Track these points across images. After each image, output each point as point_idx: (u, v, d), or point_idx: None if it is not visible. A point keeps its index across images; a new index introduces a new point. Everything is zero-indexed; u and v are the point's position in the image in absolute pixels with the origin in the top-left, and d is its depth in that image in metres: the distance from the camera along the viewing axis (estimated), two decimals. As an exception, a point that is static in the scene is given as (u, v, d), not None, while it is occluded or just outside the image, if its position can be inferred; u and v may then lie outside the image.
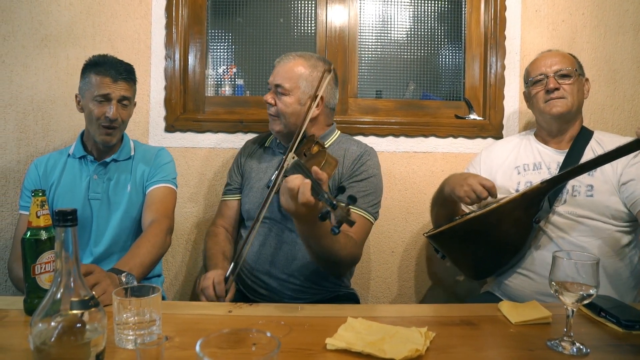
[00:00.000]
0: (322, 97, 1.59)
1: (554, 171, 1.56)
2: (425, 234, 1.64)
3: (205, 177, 2.03)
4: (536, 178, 1.57)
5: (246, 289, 1.63)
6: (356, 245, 1.44)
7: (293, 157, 1.38)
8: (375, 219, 1.57)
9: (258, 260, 1.58)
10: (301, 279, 1.56)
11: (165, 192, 1.63)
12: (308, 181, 1.13)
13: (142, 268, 1.35)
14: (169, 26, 1.98)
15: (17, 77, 1.97)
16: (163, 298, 1.73)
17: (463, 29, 2.11)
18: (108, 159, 1.63)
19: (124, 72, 1.58)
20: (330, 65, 1.61)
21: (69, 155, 1.65)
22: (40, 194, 1.04)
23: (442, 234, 1.57)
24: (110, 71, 1.55)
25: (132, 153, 1.68)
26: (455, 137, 2.03)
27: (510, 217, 1.42)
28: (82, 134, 1.67)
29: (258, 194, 1.64)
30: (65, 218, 0.75)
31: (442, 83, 2.17)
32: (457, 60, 2.15)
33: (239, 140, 2.01)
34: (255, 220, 1.40)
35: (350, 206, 1.07)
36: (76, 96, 1.62)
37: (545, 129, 1.67)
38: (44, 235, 1.05)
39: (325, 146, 1.54)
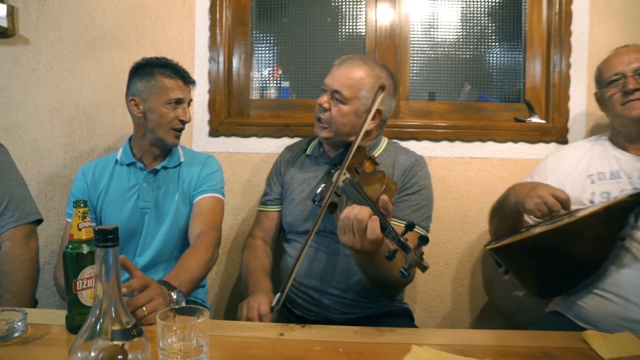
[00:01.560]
0: (379, 111, 1.48)
1: (636, 180, 1.40)
2: (487, 247, 1.51)
3: (250, 183, 1.96)
4: (614, 188, 1.41)
5: (293, 305, 1.54)
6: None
7: (344, 174, 1.29)
8: (428, 232, 1.46)
9: (307, 276, 1.49)
10: (352, 294, 1.46)
11: (214, 202, 1.56)
12: (376, 217, 1.05)
13: (191, 284, 1.27)
14: (212, 28, 1.92)
15: (64, 83, 1.96)
16: (208, 310, 1.67)
17: (523, 25, 1.96)
18: (158, 167, 1.57)
19: (190, 77, 1.57)
20: (391, 78, 1.51)
21: (116, 161, 1.60)
22: (82, 205, 0.98)
23: (507, 248, 1.43)
24: (181, 73, 1.54)
25: (182, 160, 1.62)
26: (515, 141, 1.89)
27: (590, 233, 1.27)
28: (129, 140, 1.62)
29: (301, 207, 1.54)
30: (106, 237, 0.67)
31: (500, 84, 2.02)
32: (516, 58, 2.00)
33: (285, 144, 1.91)
34: (306, 239, 1.31)
35: (422, 246, 0.98)
36: (132, 99, 1.53)
37: (622, 133, 1.51)
38: (85, 249, 0.99)
39: (376, 159, 1.44)
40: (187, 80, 1.55)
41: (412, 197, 1.44)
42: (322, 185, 1.42)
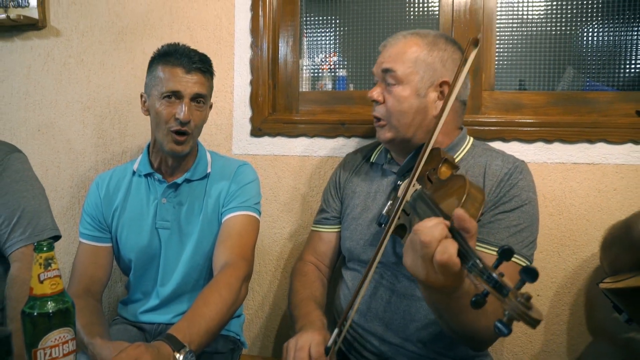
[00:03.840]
0: (447, 83, 1.14)
1: None
2: (603, 285, 1.13)
3: (298, 191, 1.67)
4: None
5: (347, 348, 1.24)
6: None
7: (413, 185, 0.96)
8: (531, 263, 1.09)
9: (366, 316, 1.19)
10: (420, 346, 1.14)
11: (245, 222, 1.27)
12: (452, 240, 0.73)
13: (207, 336, 1.01)
14: (255, 8, 1.62)
15: (95, 77, 1.77)
16: (243, 345, 1.42)
17: (650, -10, 1.50)
18: (179, 180, 1.31)
19: (198, 62, 1.24)
20: (452, 44, 1.18)
21: (133, 172, 1.36)
22: (45, 249, 0.73)
23: (636, 292, 1.06)
24: (182, 59, 1.22)
25: (209, 170, 1.35)
26: (636, 142, 1.45)
27: None
28: (149, 146, 1.38)
29: (364, 229, 1.23)
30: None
31: (615, 67, 1.57)
32: (638, 33, 1.54)
33: (340, 146, 1.62)
34: (366, 271, 1.00)
35: (528, 296, 0.62)
36: (141, 96, 1.32)
37: None
38: (51, 307, 0.74)
39: (457, 163, 1.09)
40: (189, 67, 1.23)
41: (509, 216, 1.08)
42: (390, 202, 1.11)
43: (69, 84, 1.79)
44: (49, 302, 0.74)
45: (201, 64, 1.25)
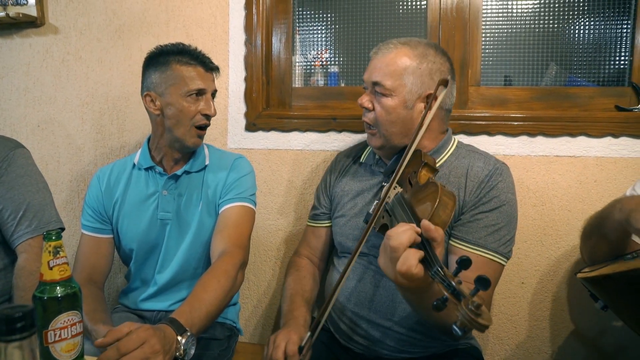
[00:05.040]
0: (433, 97, 1.18)
1: None
2: (580, 275, 1.19)
3: (292, 184, 1.73)
4: None
5: (338, 333, 1.31)
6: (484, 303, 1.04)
7: (395, 187, 1.02)
8: (508, 259, 1.16)
9: (355, 301, 1.26)
10: (406, 329, 1.20)
11: (241, 212, 1.33)
12: (415, 250, 0.81)
13: (207, 319, 1.06)
14: (248, 6, 1.67)
15: (93, 74, 1.82)
16: (239, 332, 1.48)
17: (631, -13, 1.55)
18: (179, 171, 1.36)
19: (211, 62, 1.34)
20: (442, 55, 1.22)
21: (133, 165, 1.41)
22: (54, 237, 0.79)
23: (608, 280, 1.11)
24: (203, 59, 1.31)
25: (207, 162, 1.41)
26: (615, 136, 1.51)
27: None
28: (149, 140, 1.43)
29: (352, 224, 1.30)
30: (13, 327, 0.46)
31: (596, 63, 1.63)
32: (620, 31, 1.59)
33: (332, 140, 1.68)
34: (347, 263, 1.06)
35: (480, 291, 0.69)
36: (148, 95, 1.32)
37: None
38: (59, 291, 0.80)
39: (437, 166, 1.15)
40: (208, 66, 1.32)
41: (488, 216, 1.15)
42: (376, 201, 1.17)
43: (67, 80, 1.84)
44: (58, 287, 0.79)
45: (213, 64, 1.35)
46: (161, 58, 1.30)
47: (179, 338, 0.95)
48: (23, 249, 1.35)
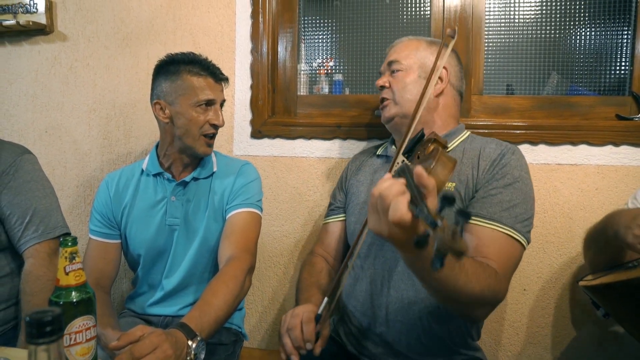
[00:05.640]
0: (445, 69, 1.27)
1: None
2: (582, 283, 1.21)
3: (297, 190, 1.75)
4: None
5: (348, 339, 1.31)
6: (497, 277, 1.04)
7: (403, 161, 1.03)
8: (528, 241, 1.15)
9: (362, 310, 1.26)
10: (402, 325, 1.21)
11: (248, 218, 1.35)
12: (403, 191, 0.77)
13: (216, 324, 1.08)
14: (255, 15, 1.70)
15: (101, 80, 1.84)
16: (244, 337, 1.49)
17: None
18: (187, 178, 1.38)
19: (221, 73, 1.37)
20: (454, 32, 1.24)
21: (142, 171, 1.43)
22: (70, 244, 0.81)
23: (610, 288, 1.13)
24: (213, 70, 1.33)
25: (214, 169, 1.43)
26: (616, 144, 1.53)
27: None
28: (157, 147, 1.45)
29: (363, 211, 1.31)
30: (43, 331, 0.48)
31: (597, 72, 1.65)
32: (621, 41, 1.62)
33: (337, 148, 1.70)
34: (352, 246, 1.07)
35: (463, 223, 0.66)
36: (157, 103, 1.34)
37: None
38: (75, 296, 0.81)
39: (448, 146, 1.18)
40: (218, 77, 1.35)
41: (502, 192, 1.14)
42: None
43: (75, 87, 1.86)
44: (73, 292, 0.81)
45: (223, 75, 1.37)
46: (172, 67, 1.32)
47: (190, 343, 0.96)
48: (30, 254, 1.36)
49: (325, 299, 1.11)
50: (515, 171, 1.17)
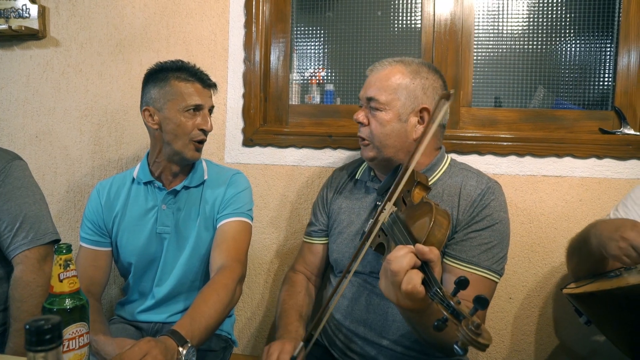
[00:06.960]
0: (427, 110, 1.23)
1: None
2: (565, 291, 1.24)
3: (287, 198, 1.76)
4: None
5: (334, 349, 1.33)
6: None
7: (391, 207, 1.06)
8: (501, 276, 1.20)
9: (351, 319, 1.28)
10: (401, 346, 1.23)
11: (239, 228, 1.36)
12: (417, 271, 0.85)
13: (206, 332, 1.09)
14: (248, 25, 1.72)
15: (93, 86, 1.84)
16: (234, 344, 1.50)
17: (616, 15, 1.62)
18: (178, 187, 1.39)
19: (209, 79, 1.38)
20: (434, 72, 1.26)
21: (133, 179, 1.44)
22: (64, 251, 0.82)
23: (593, 296, 1.16)
24: (200, 76, 1.35)
25: (206, 177, 1.44)
26: (599, 157, 1.57)
27: None
28: (148, 155, 1.46)
29: (349, 243, 1.32)
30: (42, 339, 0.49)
31: (582, 87, 1.70)
32: (605, 57, 1.67)
33: (327, 157, 1.72)
34: (339, 280, 1.10)
35: (478, 311, 0.72)
36: (146, 110, 1.36)
37: None
38: (68, 303, 0.82)
39: (430, 184, 1.19)
40: (206, 83, 1.36)
41: (482, 234, 1.18)
42: (371, 220, 1.19)
43: (67, 92, 1.86)
44: (67, 299, 0.82)
45: (210, 80, 1.39)
46: (160, 74, 1.34)
47: (180, 349, 0.98)
48: (19, 260, 1.36)
49: (301, 343, 1.12)
50: (495, 214, 1.20)
